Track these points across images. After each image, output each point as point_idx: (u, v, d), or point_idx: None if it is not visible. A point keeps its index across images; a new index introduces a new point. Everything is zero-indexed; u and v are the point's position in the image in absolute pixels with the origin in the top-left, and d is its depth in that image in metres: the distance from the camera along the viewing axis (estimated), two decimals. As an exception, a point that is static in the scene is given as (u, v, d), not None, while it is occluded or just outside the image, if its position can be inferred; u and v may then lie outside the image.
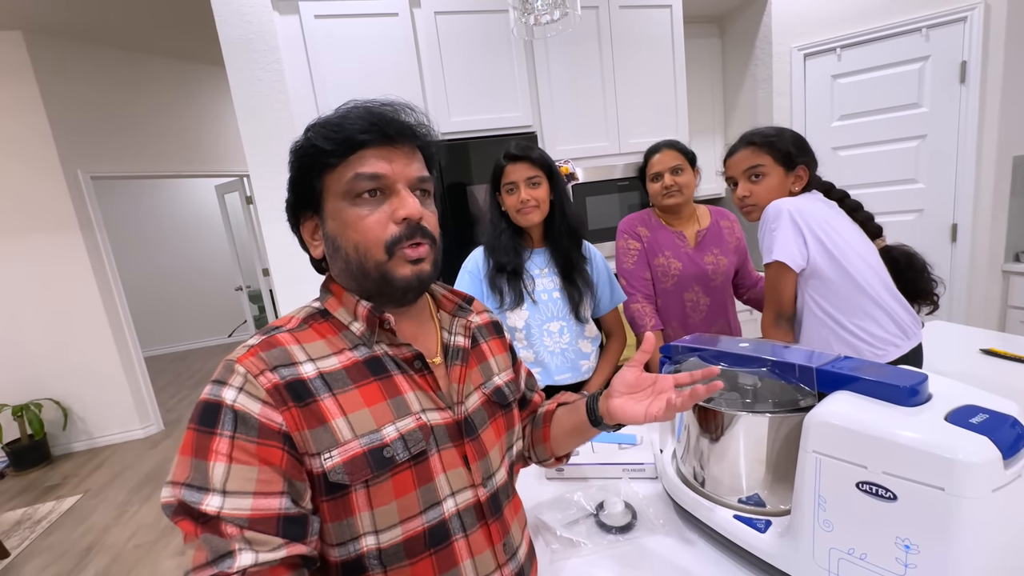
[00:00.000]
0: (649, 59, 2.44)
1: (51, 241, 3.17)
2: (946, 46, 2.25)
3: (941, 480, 0.49)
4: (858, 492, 0.54)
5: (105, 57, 3.37)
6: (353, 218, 0.55)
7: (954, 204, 2.37)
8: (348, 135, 0.54)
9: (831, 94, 2.56)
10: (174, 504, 0.45)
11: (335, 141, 0.54)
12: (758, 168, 1.19)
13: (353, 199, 0.55)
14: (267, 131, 1.88)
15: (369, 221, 0.55)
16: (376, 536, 0.53)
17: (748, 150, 1.21)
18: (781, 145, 1.17)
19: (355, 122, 0.55)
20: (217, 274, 5.95)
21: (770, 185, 1.19)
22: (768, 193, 1.18)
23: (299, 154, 0.57)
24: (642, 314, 1.45)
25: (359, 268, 0.56)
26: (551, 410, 0.79)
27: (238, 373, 0.50)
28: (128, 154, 3.53)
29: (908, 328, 1.13)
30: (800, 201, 1.13)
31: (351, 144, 0.54)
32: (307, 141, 0.56)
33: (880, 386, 0.58)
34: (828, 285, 1.12)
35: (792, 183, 1.19)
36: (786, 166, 1.18)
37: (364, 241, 0.55)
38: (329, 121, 0.56)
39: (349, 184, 0.55)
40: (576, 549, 0.77)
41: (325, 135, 0.55)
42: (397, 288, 0.57)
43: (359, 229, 0.55)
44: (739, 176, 1.23)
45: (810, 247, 1.09)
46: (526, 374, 0.83)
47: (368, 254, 0.55)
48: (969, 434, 0.50)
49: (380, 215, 0.55)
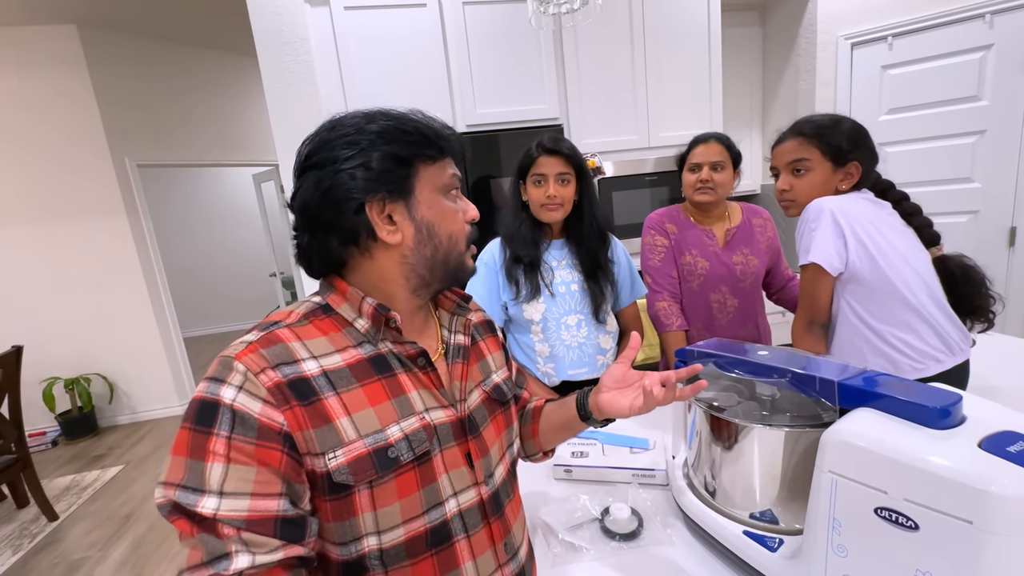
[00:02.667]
0: (683, 49, 2.35)
1: (101, 225, 3.36)
2: (1012, 33, 2.07)
3: (970, 513, 0.45)
4: (876, 518, 0.51)
5: (151, 49, 3.52)
6: (450, 211, 0.61)
7: (1014, 206, 2.19)
8: (449, 139, 0.60)
9: (880, 86, 2.40)
10: (168, 505, 0.45)
11: (440, 139, 0.59)
12: (803, 162, 1.10)
13: (447, 194, 0.61)
14: (297, 122, 1.92)
15: (460, 216, 0.62)
16: (378, 537, 0.53)
17: (796, 141, 1.12)
18: (832, 139, 1.08)
19: (449, 131, 0.61)
20: (253, 260, 6.16)
21: (813, 181, 1.10)
22: (810, 189, 1.10)
23: (394, 137, 0.55)
24: (667, 313, 1.40)
25: (445, 255, 0.60)
26: (539, 406, 0.79)
27: (237, 371, 0.48)
28: (171, 143, 3.69)
29: (954, 344, 1.04)
30: (844, 201, 1.04)
31: (448, 149, 0.60)
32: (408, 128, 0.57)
33: (907, 405, 0.53)
34: (867, 291, 1.04)
35: (840, 180, 1.09)
36: (835, 161, 1.08)
37: (458, 232, 0.61)
38: (424, 119, 0.59)
39: (451, 180, 0.61)
40: (578, 554, 0.76)
41: (437, 131, 0.59)
42: (467, 275, 0.64)
43: (456, 221, 0.61)
44: (783, 167, 1.15)
45: (851, 250, 1.01)
46: (516, 370, 0.83)
47: (458, 245, 0.61)
48: (1005, 464, 0.45)
49: (460, 213, 0.62)
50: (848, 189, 1.10)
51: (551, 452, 0.81)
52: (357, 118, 0.57)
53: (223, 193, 6.10)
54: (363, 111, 0.58)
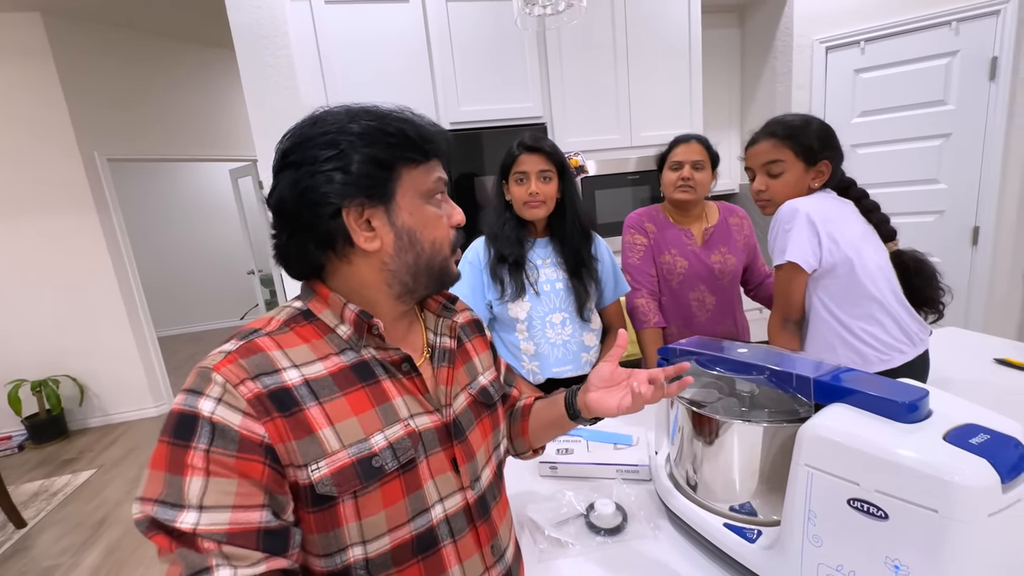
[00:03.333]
0: (665, 50, 2.38)
1: (69, 221, 3.23)
2: (976, 41, 2.16)
3: (935, 502, 0.47)
4: (849, 509, 0.53)
5: (122, 40, 3.40)
6: (433, 216, 0.59)
7: (977, 206, 2.29)
8: (434, 143, 0.58)
9: (852, 89, 2.48)
10: (145, 521, 0.44)
11: (425, 141, 0.57)
12: (777, 163, 1.14)
13: (430, 199, 0.59)
14: (276, 118, 1.88)
15: (444, 222, 0.60)
16: (363, 546, 0.52)
17: (769, 142, 1.16)
18: (804, 139, 1.12)
19: (435, 132, 0.58)
20: (230, 257, 6.02)
21: (788, 180, 1.14)
22: (785, 189, 1.14)
23: (374, 139, 0.53)
24: (645, 310, 1.43)
25: (428, 262, 0.59)
26: (529, 404, 0.80)
27: (215, 383, 0.47)
28: (144, 137, 3.57)
29: (914, 335, 1.10)
30: (816, 202, 1.09)
31: (434, 151, 0.58)
32: (390, 130, 0.54)
33: (878, 401, 0.56)
34: (838, 287, 1.09)
35: (812, 179, 1.14)
36: (807, 161, 1.13)
37: (441, 238, 0.60)
38: (408, 119, 0.57)
39: (435, 184, 0.59)
40: (564, 550, 0.77)
41: (420, 132, 0.56)
42: (451, 281, 0.63)
43: (439, 227, 0.59)
44: (757, 168, 1.19)
45: (824, 248, 1.06)
46: (505, 369, 0.83)
47: (441, 251, 0.60)
48: (967, 455, 0.48)
49: (445, 218, 0.61)
50: (819, 187, 1.15)
51: (541, 450, 0.82)
52: (339, 116, 0.54)
53: (199, 189, 5.94)
54: (347, 107, 0.56)
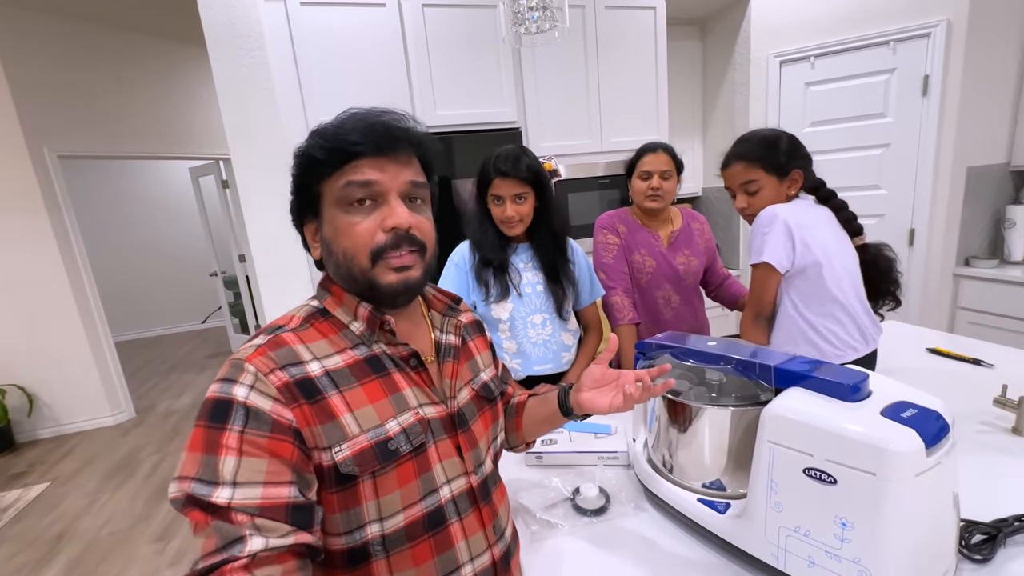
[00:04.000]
0: (633, 59, 2.49)
1: (15, 222, 3.05)
2: (911, 60, 2.37)
3: (873, 466, 0.56)
4: (804, 477, 0.62)
5: (73, 31, 3.23)
6: (344, 225, 0.58)
7: (912, 210, 2.51)
8: (341, 145, 0.56)
9: (804, 101, 2.66)
10: (182, 498, 0.47)
11: (329, 150, 0.57)
12: (752, 183, 1.22)
13: (346, 207, 0.58)
14: (251, 118, 1.86)
15: (359, 228, 0.58)
16: (380, 523, 0.56)
17: (740, 165, 1.24)
18: (771, 158, 1.20)
19: (350, 132, 0.57)
20: (191, 259, 5.80)
21: (766, 196, 1.22)
22: (765, 203, 1.22)
23: (299, 161, 0.60)
24: (620, 307, 1.51)
25: (347, 273, 0.60)
26: (523, 401, 0.85)
27: (248, 371, 0.52)
28: (97, 133, 3.41)
29: (869, 335, 1.22)
30: (793, 208, 1.17)
31: (345, 154, 0.57)
32: (306, 148, 0.59)
33: (828, 384, 0.65)
34: (807, 288, 1.18)
35: (788, 187, 1.22)
36: (779, 175, 1.21)
37: (351, 247, 0.58)
38: (326, 130, 0.58)
39: (342, 191, 0.57)
40: (554, 530, 0.83)
41: (321, 144, 0.57)
42: (384, 293, 0.60)
43: (349, 236, 0.58)
44: (735, 188, 1.27)
45: (797, 251, 1.15)
46: (502, 368, 0.89)
47: (354, 260, 0.58)
48: (898, 426, 0.57)
49: (370, 223, 0.58)
50: (795, 194, 1.24)
51: (532, 443, 0.87)
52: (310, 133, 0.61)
53: (158, 187, 5.69)
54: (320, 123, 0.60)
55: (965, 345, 1.51)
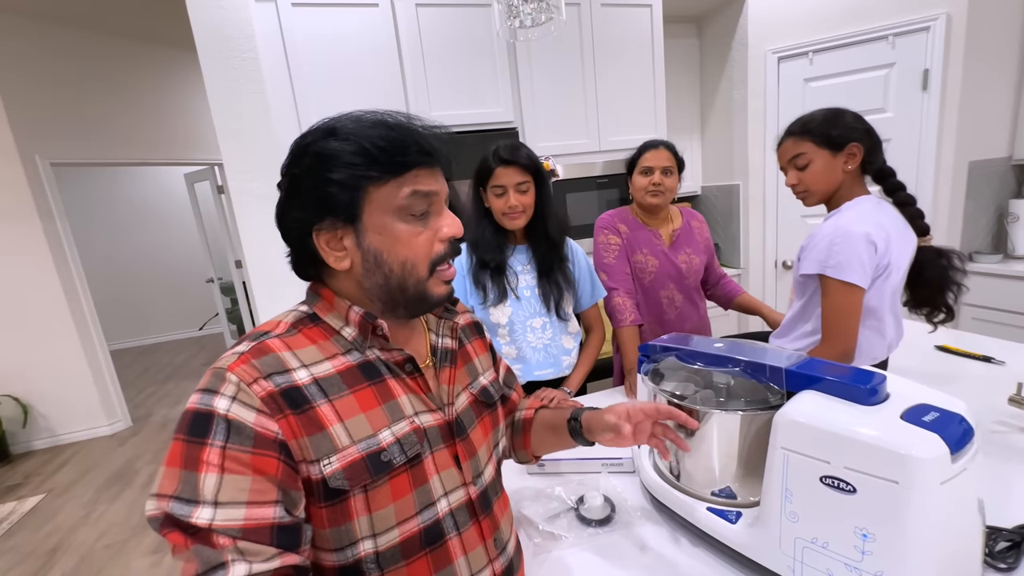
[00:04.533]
0: (629, 58, 2.47)
1: (7, 231, 3.02)
2: (910, 54, 2.34)
3: (895, 474, 0.53)
4: (821, 485, 0.58)
5: (65, 38, 3.21)
6: (406, 235, 0.55)
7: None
8: (406, 155, 0.54)
9: (803, 97, 2.64)
10: (160, 517, 0.44)
11: (392, 155, 0.53)
12: (801, 156, 1.15)
13: (404, 216, 0.55)
14: (242, 121, 1.83)
15: (421, 239, 0.56)
16: (374, 540, 0.53)
17: (789, 140, 1.18)
18: (820, 129, 1.12)
19: (416, 139, 0.55)
20: (187, 265, 5.77)
21: (816, 170, 1.14)
22: (816, 177, 1.14)
23: (333, 162, 0.53)
24: (622, 308, 1.47)
25: (400, 284, 0.56)
26: (529, 418, 0.82)
27: (230, 382, 0.49)
28: (91, 140, 3.38)
29: (892, 344, 1.18)
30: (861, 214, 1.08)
31: (408, 164, 0.54)
32: (350, 148, 0.52)
33: (843, 386, 0.62)
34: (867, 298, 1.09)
35: (844, 162, 1.13)
36: (832, 147, 1.12)
37: (413, 258, 0.56)
38: (379, 134, 0.53)
39: (406, 200, 0.54)
40: (557, 542, 0.80)
41: (380, 146, 0.53)
42: (431, 305, 0.59)
43: (411, 246, 0.56)
44: (786, 165, 1.21)
45: (875, 266, 1.06)
46: (505, 370, 0.85)
47: (414, 271, 0.56)
48: (921, 431, 0.54)
49: (428, 233, 0.57)
50: (853, 168, 1.13)
51: (540, 457, 0.85)
52: (320, 131, 0.55)
53: (152, 193, 5.66)
54: (332, 122, 0.55)
55: (973, 342, 1.48)
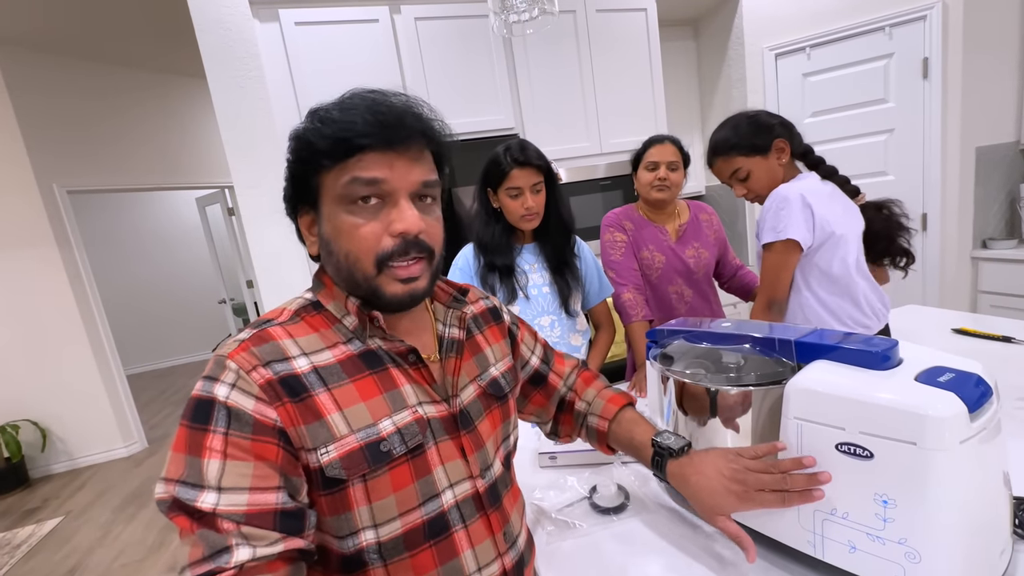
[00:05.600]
0: (627, 61, 2.50)
1: (27, 257, 3.10)
2: (908, 43, 2.35)
3: (913, 435, 0.51)
4: (837, 453, 0.57)
5: (81, 70, 3.33)
6: (347, 226, 0.52)
7: (923, 195, 2.46)
8: (346, 136, 0.49)
9: (802, 92, 2.65)
10: (168, 500, 0.45)
11: (332, 140, 0.50)
12: (737, 172, 1.20)
13: (348, 205, 0.52)
14: (250, 139, 1.88)
15: (363, 231, 0.52)
16: (375, 530, 0.52)
17: (719, 160, 1.22)
18: (744, 142, 1.18)
19: (356, 120, 0.50)
20: (200, 288, 5.86)
21: (757, 176, 1.19)
22: (760, 182, 1.19)
23: (294, 146, 0.54)
24: (632, 304, 1.46)
25: (349, 276, 0.55)
26: (603, 431, 0.79)
27: (230, 369, 0.49)
28: (106, 168, 3.48)
29: (879, 311, 1.18)
30: (799, 184, 1.13)
31: (349, 146, 0.50)
32: (303, 134, 0.53)
33: (855, 353, 0.60)
34: (823, 265, 1.14)
35: (776, 159, 1.18)
36: (760, 152, 1.18)
37: (355, 251, 0.53)
38: (329, 116, 0.51)
39: (345, 188, 0.51)
40: (571, 531, 0.78)
41: (322, 132, 0.50)
42: (387, 303, 0.55)
43: (352, 238, 0.52)
44: (729, 181, 1.25)
45: (817, 225, 1.10)
46: (542, 346, 0.83)
47: (358, 265, 0.53)
48: (937, 391, 0.53)
49: (375, 226, 0.52)
50: (787, 161, 1.19)
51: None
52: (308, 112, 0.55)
53: (165, 218, 5.80)
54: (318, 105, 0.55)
55: (992, 324, 1.44)
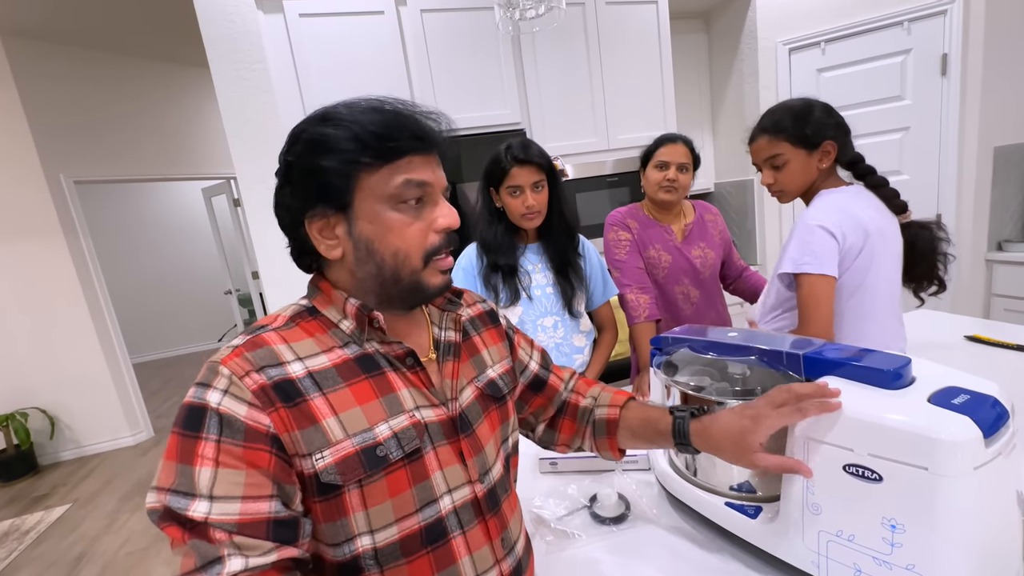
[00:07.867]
0: (636, 55, 2.45)
1: (34, 248, 3.12)
2: (927, 39, 2.28)
3: (924, 460, 0.49)
4: (845, 475, 0.55)
5: (87, 60, 3.32)
6: (398, 224, 0.54)
7: (938, 195, 2.40)
8: (398, 141, 0.53)
9: (816, 88, 2.59)
10: (160, 510, 0.45)
11: (383, 140, 0.52)
12: (777, 157, 1.12)
13: (396, 204, 0.54)
14: (254, 131, 1.86)
15: (413, 229, 0.55)
16: (371, 536, 0.52)
17: (764, 139, 1.14)
18: (796, 128, 1.09)
19: (403, 127, 0.53)
20: (205, 278, 5.89)
21: (792, 170, 1.12)
22: (792, 177, 1.12)
23: (324, 148, 0.52)
24: (636, 305, 1.44)
25: (393, 274, 0.56)
26: (614, 419, 0.76)
27: (222, 375, 0.49)
28: (112, 158, 3.49)
29: (900, 339, 1.14)
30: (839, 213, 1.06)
31: (401, 150, 0.53)
32: (342, 135, 0.52)
33: (865, 370, 0.58)
34: (849, 296, 1.08)
35: (819, 160, 1.10)
36: (807, 147, 1.10)
37: (405, 248, 0.55)
38: (371, 120, 0.53)
39: (398, 189, 0.53)
40: (571, 541, 0.77)
41: (369, 134, 0.52)
42: (428, 295, 0.58)
43: (403, 236, 0.55)
44: (761, 164, 1.18)
45: (844, 260, 1.04)
46: (539, 352, 0.82)
47: (407, 261, 0.55)
48: (951, 414, 0.51)
49: (422, 224, 0.56)
50: (827, 166, 1.12)
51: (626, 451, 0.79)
52: (314, 117, 0.55)
53: (171, 209, 5.81)
54: (324, 109, 0.55)
55: (1006, 331, 1.41)
